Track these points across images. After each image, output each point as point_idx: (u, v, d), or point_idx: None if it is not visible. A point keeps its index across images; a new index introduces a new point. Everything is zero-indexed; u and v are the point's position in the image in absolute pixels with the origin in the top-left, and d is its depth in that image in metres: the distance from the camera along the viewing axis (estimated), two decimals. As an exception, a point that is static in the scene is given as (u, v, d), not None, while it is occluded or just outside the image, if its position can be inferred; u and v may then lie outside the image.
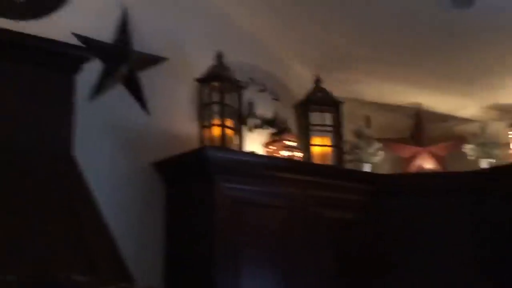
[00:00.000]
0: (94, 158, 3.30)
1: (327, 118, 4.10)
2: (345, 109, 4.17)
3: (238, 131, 3.69)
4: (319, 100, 4.09)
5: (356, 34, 4.00)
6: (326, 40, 4.11)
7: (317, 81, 4.14)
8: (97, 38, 3.47)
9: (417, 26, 3.79)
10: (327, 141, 4.05)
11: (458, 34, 3.76)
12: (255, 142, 3.89)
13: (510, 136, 4.02)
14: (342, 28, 3.98)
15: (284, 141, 3.75)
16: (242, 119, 3.77)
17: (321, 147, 4.01)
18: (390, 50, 4.04)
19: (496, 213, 3.87)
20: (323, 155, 4.01)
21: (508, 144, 4.05)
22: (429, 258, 3.91)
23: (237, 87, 3.73)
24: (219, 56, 3.70)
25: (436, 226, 3.93)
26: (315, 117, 4.08)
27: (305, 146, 3.96)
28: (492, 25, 3.61)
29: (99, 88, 3.45)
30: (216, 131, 3.57)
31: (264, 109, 4.05)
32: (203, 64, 3.70)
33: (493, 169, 4.00)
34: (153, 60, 3.66)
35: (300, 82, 4.31)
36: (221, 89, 3.61)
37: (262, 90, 4.07)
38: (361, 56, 4.14)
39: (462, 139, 4.29)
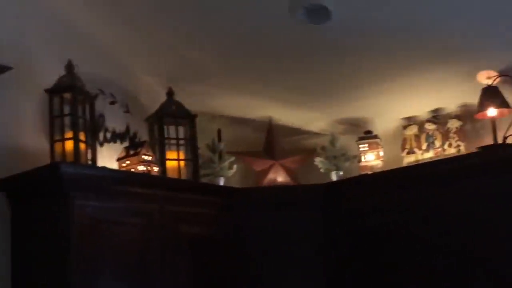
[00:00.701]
0: None
1: (181, 132, 4.02)
2: (197, 123, 4.08)
3: (91, 145, 3.50)
4: (173, 113, 3.98)
5: (209, 47, 3.95)
6: (179, 52, 4.03)
7: (170, 93, 4.03)
8: None
9: (271, 41, 3.81)
10: (181, 155, 3.96)
11: (309, 49, 3.83)
12: (106, 157, 3.72)
13: (361, 149, 4.14)
14: (195, 41, 3.92)
15: (140, 155, 3.60)
16: (95, 132, 3.59)
17: (175, 161, 3.92)
18: (243, 63, 4.04)
19: (345, 224, 3.97)
20: (178, 169, 3.91)
21: (357, 157, 4.18)
22: (283, 271, 3.92)
23: (90, 98, 3.55)
24: (70, 66, 3.49)
25: (289, 239, 3.95)
26: (169, 131, 3.98)
27: (159, 160, 3.84)
28: (344, 41, 3.72)
29: None
30: (68, 145, 3.36)
31: (115, 122, 3.91)
32: (51, 74, 3.47)
33: (342, 182, 4.10)
34: (-5, 70, 3.39)
35: (152, 94, 4.21)
36: (73, 101, 3.41)
37: (113, 103, 3.93)
38: (214, 69, 4.11)
39: (312, 152, 4.36)
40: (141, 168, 3.60)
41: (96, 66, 3.85)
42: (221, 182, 4.11)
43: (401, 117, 4.18)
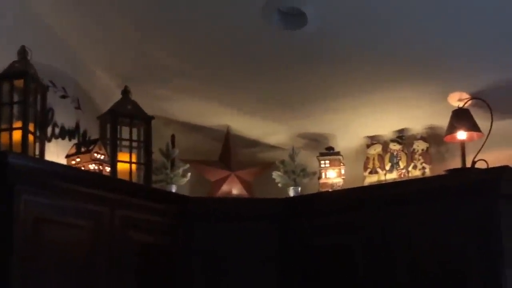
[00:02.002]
0: None
1: (135, 133, 3.80)
2: (151, 126, 3.87)
3: (39, 139, 3.24)
4: (128, 113, 3.75)
5: (170, 47, 3.73)
6: (138, 51, 3.80)
7: (126, 92, 3.80)
8: None
9: (237, 45, 3.61)
10: (133, 157, 3.73)
11: (276, 58, 3.65)
12: (52, 153, 3.46)
13: (322, 165, 3.99)
14: (156, 40, 3.69)
15: (93, 153, 3.35)
16: (44, 125, 3.32)
17: (127, 163, 3.68)
18: (204, 67, 3.84)
19: (302, 241, 3.82)
20: (129, 173, 3.67)
21: (316, 173, 4.02)
22: (235, 285, 3.76)
23: (42, 88, 3.29)
24: (23, 52, 3.24)
25: (243, 252, 3.79)
26: (121, 131, 3.75)
27: (110, 161, 3.58)
28: (312, 52, 3.55)
29: None
30: (16, 135, 3.09)
31: (65, 117, 3.65)
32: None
33: (301, 197, 3.94)
34: None
35: (106, 92, 3.98)
36: (25, 88, 3.14)
37: (64, 97, 3.67)
38: (173, 71, 3.90)
39: (270, 165, 4.20)
40: (92, 167, 3.34)
41: (49, 56, 3.59)
42: (173, 189, 3.89)
43: (365, 135, 4.06)
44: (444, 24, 3.23)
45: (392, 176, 3.89)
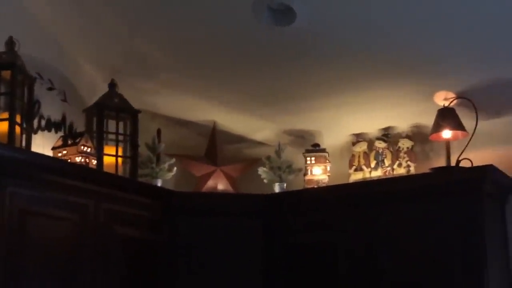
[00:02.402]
0: None
1: (121, 127, 3.79)
2: (138, 119, 3.87)
3: (26, 130, 3.23)
4: (115, 106, 3.75)
5: (159, 40, 3.72)
6: (126, 44, 3.79)
7: (112, 85, 3.79)
8: None
9: (226, 40, 3.61)
10: (119, 151, 3.73)
11: (264, 54, 3.65)
12: (38, 146, 3.44)
13: (307, 162, 4.01)
14: (144, 33, 3.68)
15: (79, 146, 3.34)
16: (30, 117, 3.31)
17: (113, 157, 3.68)
18: (192, 62, 3.82)
19: (286, 238, 3.83)
20: (115, 166, 3.67)
21: (302, 170, 4.04)
22: (219, 281, 3.75)
23: (30, 80, 3.28)
24: (11, 43, 3.23)
25: (228, 248, 3.79)
26: (108, 124, 3.76)
27: (96, 154, 3.57)
28: (301, 49, 3.56)
29: None
30: (2, 126, 3.08)
31: (51, 110, 3.64)
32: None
33: (286, 194, 3.95)
34: None
35: (92, 85, 3.97)
36: (13, 79, 3.13)
37: (50, 89, 3.65)
38: (161, 65, 3.89)
39: (256, 161, 4.21)
40: (78, 159, 3.34)
41: (36, 48, 3.56)
42: (159, 183, 3.88)
43: (351, 133, 4.08)
44: (431, 25, 3.25)
45: (377, 173, 3.90)
